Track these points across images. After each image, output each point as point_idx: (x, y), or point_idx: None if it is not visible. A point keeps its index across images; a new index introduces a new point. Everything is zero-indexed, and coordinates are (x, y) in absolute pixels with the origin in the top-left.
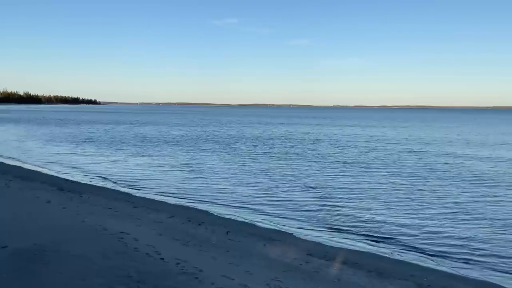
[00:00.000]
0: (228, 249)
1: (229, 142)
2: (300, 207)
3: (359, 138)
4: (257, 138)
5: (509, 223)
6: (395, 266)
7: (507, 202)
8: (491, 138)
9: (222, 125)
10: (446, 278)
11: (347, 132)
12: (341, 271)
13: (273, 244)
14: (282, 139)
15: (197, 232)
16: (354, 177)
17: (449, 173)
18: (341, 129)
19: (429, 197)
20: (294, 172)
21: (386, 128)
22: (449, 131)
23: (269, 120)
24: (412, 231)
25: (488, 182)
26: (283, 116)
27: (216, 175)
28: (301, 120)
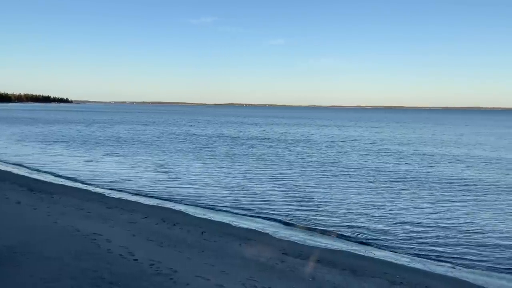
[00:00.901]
0: (204, 249)
1: (206, 142)
2: (276, 207)
3: (336, 138)
4: (234, 138)
5: (481, 222)
6: (368, 264)
7: (480, 202)
8: (465, 138)
9: (199, 125)
10: (418, 275)
11: (324, 132)
12: (316, 269)
13: (248, 243)
14: (260, 139)
15: (172, 232)
16: (331, 177)
17: (424, 173)
18: (318, 129)
19: (404, 197)
20: (271, 172)
21: (362, 128)
22: (424, 131)
23: (246, 120)
24: (385, 230)
25: (463, 183)
26: (260, 116)
27: (193, 176)
28: (278, 120)
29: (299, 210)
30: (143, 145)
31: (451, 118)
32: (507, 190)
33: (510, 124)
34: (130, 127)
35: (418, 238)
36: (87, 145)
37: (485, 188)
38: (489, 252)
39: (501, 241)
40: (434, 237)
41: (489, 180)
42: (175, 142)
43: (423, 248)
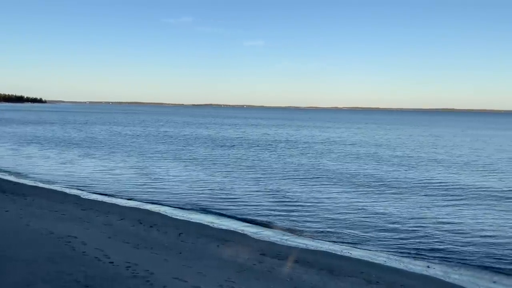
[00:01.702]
0: (181, 250)
1: (185, 143)
2: (256, 208)
3: (316, 139)
4: (213, 140)
5: (457, 221)
6: (345, 264)
7: (457, 202)
8: (441, 140)
9: (177, 126)
10: (394, 274)
11: (304, 133)
12: (293, 270)
13: (226, 244)
14: (240, 140)
15: (149, 234)
16: (310, 178)
17: (402, 174)
18: (298, 130)
19: (381, 197)
20: (251, 173)
21: (341, 129)
22: (401, 132)
23: (225, 120)
24: (362, 229)
25: (441, 183)
26: (239, 116)
27: (171, 177)
28: (257, 121)
29: (279, 211)
30: (120, 146)
31: (429, 119)
32: (484, 191)
33: (485, 125)
34: (106, 127)
35: (395, 237)
36: (62, 146)
37: (463, 188)
38: (463, 249)
39: (475, 239)
40: (410, 236)
41: (466, 181)
42: (153, 143)
43: (400, 246)
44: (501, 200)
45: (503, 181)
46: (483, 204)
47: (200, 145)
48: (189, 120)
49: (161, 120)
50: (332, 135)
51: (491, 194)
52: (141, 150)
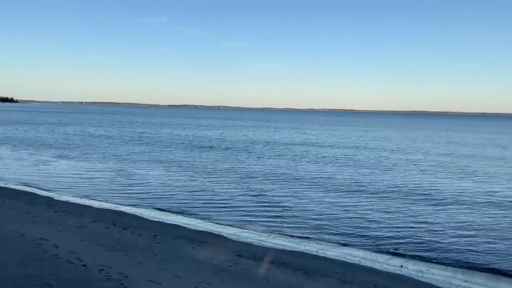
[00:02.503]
0: (156, 253)
1: (161, 144)
2: (232, 208)
3: (294, 141)
4: (191, 141)
5: (429, 220)
6: (320, 264)
7: (430, 202)
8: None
9: (153, 127)
10: (368, 274)
11: (282, 135)
12: (269, 271)
13: (202, 246)
14: (218, 141)
15: (123, 236)
16: (288, 179)
17: (379, 175)
18: (276, 131)
19: (358, 198)
20: (229, 174)
21: (319, 131)
22: (376, 134)
23: (202, 121)
24: (338, 229)
25: (416, 185)
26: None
27: (147, 178)
28: (234, 122)
29: (256, 212)
30: (95, 148)
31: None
32: (459, 193)
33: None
34: (80, 128)
35: (370, 237)
36: (35, 147)
37: (438, 189)
38: (437, 249)
39: (449, 239)
40: (386, 236)
41: (442, 182)
42: (129, 144)
43: (375, 246)
44: (475, 201)
45: (477, 182)
46: (458, 205)
47: (177, 146)
48: (165, 121)
49: (136, 121)
50: (310, 136)
51: (466, 195)
52: (116, 151)
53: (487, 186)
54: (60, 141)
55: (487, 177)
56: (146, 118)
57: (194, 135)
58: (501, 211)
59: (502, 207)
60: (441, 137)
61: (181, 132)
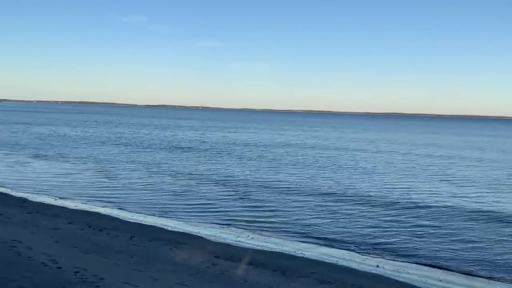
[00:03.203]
0: (132, 254)
1: (141, 145)
2: (210, 209)
3: (275, 141)
4: (170, 141)
5: (406, 219)
6: (298, 264)
7: (407, 203)
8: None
9: (131, 127)
10: (345, 274)
11: (263, 136)
12: (247, 271)
13: (179, 247)
14: (198, 142)
15: (98, 238)
16: (268, 180)
17: (358, 176)
18: (256, 132)
19: (337, 198)
20: (209, 175)
21: (299, 132)
22: (355, 136)
23: (182, 122)
24: (315, 230)
25: (394, 186)
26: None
27: (124, 179)
28: (214, 123)
29: (234, 213)
30: (71, 148)
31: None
32: (435, 194)
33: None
34: (56, 128)
35: (348, 236)
36: (8, 147)
37: (416, 191)
38: (413, 248)
39: (426, 239)
40: (363, 236)
41: (421, 184)
42: (106, 145)
43: (352, 246)
44: (452, 203)
45: (455, 184)
46: (434, 207)
47: (156, 147)
48: (143, 121)
49: (114, 121)
50: (290, 138)
51: (443, 197)
52: (93, 152)
53: (465, 189)
54: (36, 142)
55: (465, 179)
56: (124, 118)
57: (173, 135)
58: (476, 214)
59: (477, 210)
60: (419, 139)
61: (160, 133)
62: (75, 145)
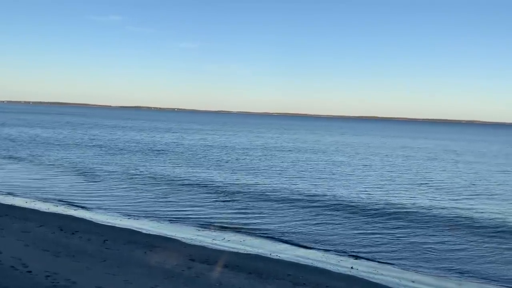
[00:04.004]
0: (105, 258)
1: (116, 147)
2: (186, 211)
3: (254, 144)
4: (146, 144)
5: (377, 221)
6: (274, 266)
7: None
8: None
9: (106, 128)
10: (320, 275)
11: (241, 139)
12: (222, 274)
13: (154, 251)
14: (175, 145)
15: (71, 241)
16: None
17: (335, 179)
18: (235, 134)
19: (313, 200)
20: (187, 178)
21: (276, 135)
22: (333, 139)
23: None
24: (291, 232)
25: (372, 191)
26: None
27: (99, 181)
28: (190, 126)
29: (210, 214)
30: (43, 150)
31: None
32: (410, 197)
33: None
34: (27, 129)
35: (322, 238)
36: None
37: (389, 194)
38: (387, 250)
39: (399, 240)
40: (337, 237)
41: (394, 188)
42: (80, 146)
43: (327, 247)
44: (427, 205)
45: (431, 186)
46: (407, 209)
47: (132, 149)
48: (118, 122)
49: (88, 123)
50: (269, 140)
51: (418, 200)
52: (66, 154)
53: (441, 192)
54: (7, 143)
55: (440, 183)
56: (98, 119)
57: (150, 138)
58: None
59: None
60: (396, 143)
61: (135, 135)
62: (48, 146)
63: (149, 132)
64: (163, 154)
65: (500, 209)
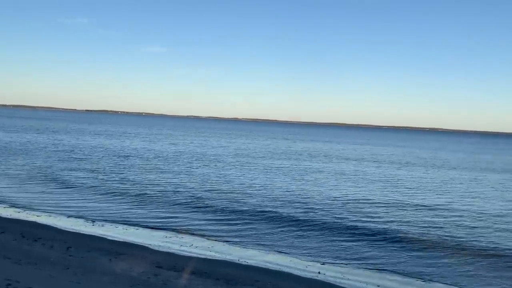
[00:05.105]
0: (69, 266)
1: (83, 152)
2: (154, 217)
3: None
4: (115, 149)
5: (344, 224)
6: (242, 273)
7: (346, 207)
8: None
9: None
10: (287, 281)
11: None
12: (189, 281)
13: (120, 258)
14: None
15: (33, 248)
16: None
17: (307, 183)
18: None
19: (283, 205)
20: (155, 183)
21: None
22: (304, 145)
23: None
24: (260, 237)
25: (341, 195)
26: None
27: (64, 187)
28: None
29: (178, 220)
30: (5, 155)
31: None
32: (377, 203)
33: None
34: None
35: (290, 242)
36: None
37: (357, 199)
38: (351, 252)
39: (363, 242)
40: (304, 241)
41: (364, 192)
42: (45, 151)
43: (294, 251)
44: (394, 207)
45: (399, 189)
46: (374, 211)
47: (100, 154)
48: (84, 127)
49: (53, 127)
50: (241, 145)
51: (386, 204)
52: (32, 158)
53: (408, 196)
54: None
55: (408, 187)
56: (63, 123)
57: (118, 142)
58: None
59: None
60: (366, 150)
61: (103, 140)
62: (9, 151)
63: (118, 136)
64: (131, 159)
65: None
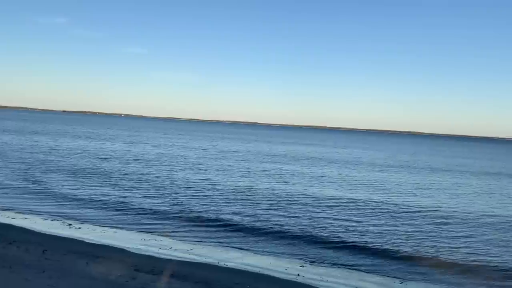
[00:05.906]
0: (44, 269)
1: (61, 154)
2: (133, 219)
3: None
4: (95, 150)
5: (323, 225)
6: (221, 275)
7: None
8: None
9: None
10: (267, 283)
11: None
12: (168, 284)
13: (97, 261)
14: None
15: (7, 252)
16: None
17: (287, 185)
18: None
19: (262, 206)
20: (136, 185)
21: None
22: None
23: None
24: (239, 239)
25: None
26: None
27: (41, 188)
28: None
29: (157, 222)
30: None
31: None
32: (355, 202)
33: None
34: None
35: (270, 244)
36: None
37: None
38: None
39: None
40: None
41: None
42: (22, 152)
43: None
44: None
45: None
46: (353, 212)
47: (79, 155)
48: (62, 128)
49: (28, 128)
50: (223, 148)
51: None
52: (5, 159)
53: (388, 195)
54: None
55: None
56: (39, 124)
57: (98, 144)
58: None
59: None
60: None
61: (82, 142)
62: None
63: (97, 138)
64: (110, 161)
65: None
